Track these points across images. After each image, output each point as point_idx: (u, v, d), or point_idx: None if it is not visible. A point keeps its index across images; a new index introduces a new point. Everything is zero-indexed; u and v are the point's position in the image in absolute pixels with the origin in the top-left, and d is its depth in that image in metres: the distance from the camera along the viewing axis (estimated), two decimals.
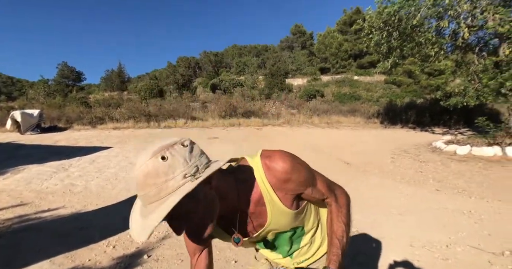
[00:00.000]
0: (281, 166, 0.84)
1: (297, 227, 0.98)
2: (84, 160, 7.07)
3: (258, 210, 0.88)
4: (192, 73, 32.79)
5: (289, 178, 0.85)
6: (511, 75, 6.76)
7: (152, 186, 0.68)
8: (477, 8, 7.11)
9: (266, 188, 0.86)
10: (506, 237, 2.91)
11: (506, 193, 4.29)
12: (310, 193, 0.91)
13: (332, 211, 0.95)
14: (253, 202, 0.87)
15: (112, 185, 5.12)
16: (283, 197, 0.87)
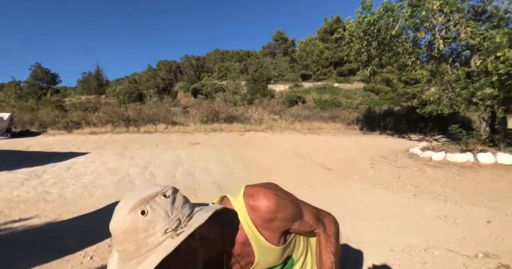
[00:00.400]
0: (265, 205, 0.82)
1: (287, 257, 0.98)
2: (59, 167, 6.79)
3: (245, 251, 0.86)
4: (173, 77, 32.40)
5: (274, 217, 0.83)
6: (481, 85, 7.12)
7: (131, 242, 0.64)
8: (450, 21, 7.48)
9: (251, 229, 0.83)
10: (479, 240, 3.03)
11: (478, 198, 4.48)
12: (297, 227, 0.90)
13: (321, 242, 0.96)
14: (239, 244, 0.85)
15: (89, 193, 4.94)
16: (269, 236, 0.86)
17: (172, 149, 9.20)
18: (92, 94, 30.92)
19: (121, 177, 5.95)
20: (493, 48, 6.91)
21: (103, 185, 5.41)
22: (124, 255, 0.65)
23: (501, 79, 6.89)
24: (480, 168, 6.40)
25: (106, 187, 5.25)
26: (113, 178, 5.88)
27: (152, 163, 7.26)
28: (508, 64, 6.49)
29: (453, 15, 7.39)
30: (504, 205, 4.10)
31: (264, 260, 0.88)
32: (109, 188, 5.22)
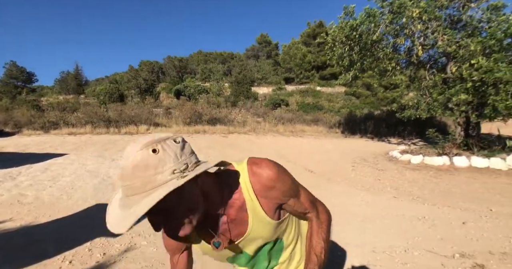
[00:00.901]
0: (266, 173, 0.84)
1: (276, 239, 0.98)
2: (35, 168, 6.54)
3: (239, 217, 0.86)
4: (155, 78, 31.89)
5: (273, 186, 0.85)
6: (456, 91, 7.43)
7: (139, 177, 0.66)
8: (429, 29, 7.78)
9: (250, 195, 0.85)
10: (455, 241, 3.15)
11: (454, 200, 4.66)
12: (292, 205, 0.91)
13: (313, 227, 0.97)
14: (236, 208, 0.86)
15: (68, 195, 4.78)
16: (265, 204, 0.87)
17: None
18: (70, 94, 29.98)
19: (101, 179, 5.79)
20: (467, 56, 7.23)
21: (82, 187, 5.25)
22: (129, 191, 0.67)
23: (475, 85, 7.21)
24: (456, 171, 6.66)
25: (85, 190, 5.10)
26: (93, 180, 5.71)
27: None
28: (482, 71, 6.81)
29: (431, 23, 7.69)
30: (477, 207, 4.29)
31: (256, 230, 0.88)
32: (89, 190, 5.07)
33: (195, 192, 0.75)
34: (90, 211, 4.09)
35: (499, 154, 7.00)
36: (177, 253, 0.95)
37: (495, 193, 4.98)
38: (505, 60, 6.73)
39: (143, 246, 3.05)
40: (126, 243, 3.08)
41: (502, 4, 7.43)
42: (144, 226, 3.54)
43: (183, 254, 0.95)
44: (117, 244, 3.06)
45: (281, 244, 1.00)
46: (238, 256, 0.98)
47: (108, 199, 3.74)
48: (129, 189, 0.67)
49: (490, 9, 7.51)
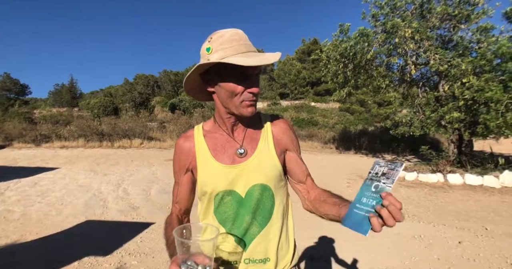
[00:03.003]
0: (284, 120, 1.02)
1: (270, 196, 0.94)
2: (24, 183, 6.39)
3: (254, 137, 0.96)
4: (150, 91, 32.01)
5: (285, 131, 0.99)
6: (449, 109, 7.54)
7: (249, 41, 0.87)
8: (421, 48, 7.98)
9: (267, 126, 0.99)
10: (451, 261, 3.11)
11: (449, 218, 4.63)
12: (294, 159, 1.00)
13: (326, 190, 1.00)
14: (253, 127, 0.98)
15: (57, 211, 4.65)
16: (275, 140, 0.97)
17: (148, 166, 8.94)
18: (64, 106, 29.85)
19: (92, 195, 5.67)
20: (459, 75, 7.39)
21: (73, 203, 5.12)
22: (250, 48, 0.85)
23: (467, 104, 7.34)
24: (450, 188, 6.67)
25: (75, 205, 4.97)
26: (84, 195, 5.59)
27: (126, 180, 7.00)
28: (473, 90, 6.95)
29: (423, 43, 7.90)
30: (473, 225, 4.26)
31: (260, 158, 0.93)
32: (79, 206, 4.95)
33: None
34: (79, 228, 3.97)
35: (492, 172, 7.05)
36: (183, 173, 0.98)
37: (490, 211, 4.97)
38: (495, 80, 6.89)
39: (133, 265, 2.94)
40: (115, 263, 2.97)
41: (491, 26, 7.68)
42: (135, 244, 3.44)
43: (187, 175, 0.98)
44: (106, 263, 2.95)
45: (270, 208, 0.95)
46: (229, 198, 0.92)
47: (100, 216, 3.67)
48: (250, 47, 0.85)
49: (479, 30, 7.75)
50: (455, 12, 7.71)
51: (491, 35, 7.64)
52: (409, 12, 8.24)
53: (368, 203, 0.71)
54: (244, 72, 0.82)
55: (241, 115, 0.88)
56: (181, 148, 0.98)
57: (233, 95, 0.85)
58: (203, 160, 0.94)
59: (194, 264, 0.66)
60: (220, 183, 0.91)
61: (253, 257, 0.93)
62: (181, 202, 1.01)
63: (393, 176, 0.69)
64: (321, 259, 3.12)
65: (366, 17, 8.84)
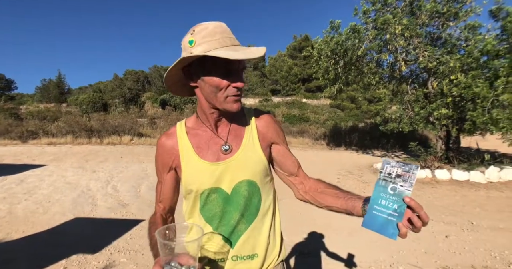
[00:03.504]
0: (267, 114, 1.01)
1: (256, 192, 0.93)
2: (9, 180, 6.25)
3: (238, 133, 0.94)
4: (140, 87, 31.58)
5: (270, 124, 0.98)
6: (437, 105, 7.66)
7: (233, 34, 0.84)
8: (410, 45, 8.05)
9: (251, 121, 0.97)
10: (439, 255, 3.17)
11: (437, 213, 4.72)
12: (282, 151, 1.00)
13: (320, 180, 1.01)
14: (238, 123, 0.96)
15: (44, 209, 4.58)
16: (260, 135, 0.96)
17: (138, 162, 8.85)
18: (52, 102, 29.26)
19: (81, 192, 5.59)
20: (447, 72, 7.50)
21: (60, 200, 5.04)
22: (234, 41, 0.83)
23: (455, 100, 7.46)
24: (437, 183, 6.79)
25: (63, 203, 4.89)
26: (72, 193, 5.51)
27: (115, 177, 6.92)
28: (461, 87, 7.06)
29: (412, 40, 7.97)
30: (459, 220, 4.36)
31: (244, 155, 0.91)
32: (67, 203, 4.87)
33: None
34: (67, 226, 3.91)
35: (478, 167, 7.20)
36: (166, 171, 0.96)
37: (475, 206, 5.09)
38: (482, 77, 7.01)
39: (122, 263, 2.92)
40: (104, 260, 2.94)
41: (478, 24, 7.80)
42: (124, 242, 3.41)
43: (170, 173, 0.96)
44: (94, 261, 2.92)
45: (257, 203, 0.94)
46: (215, 196, 0.90)
47: (88, 213, 3.62)
48: (234, 40, 0.83)
49: (467, 28, 7.86)
50: (444, 9, 7.79)
51: (478, 33, 7.75)
52: (400, 9, 8.29)
53: (388, 205, 0.73)
54: (229, 66, 0.80)
55: (226, 110, 0.86)
56: (163, 147, 0.96)
57: (218, 90, 0.83)
58: (187, 158, 0.92)
59: (178, 265, 0.64)
60: (205, 181, 0.89)
61: (240, 254, 0.93)
62: (165, 201, 0.99)
63: (410, 179, 0.72)
64: (311, 254, 3.15)
65: (358, 13, 8.86)
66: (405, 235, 0.71)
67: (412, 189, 0.71)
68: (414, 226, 0.72)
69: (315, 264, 2.93)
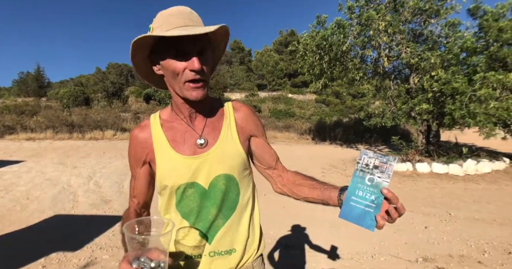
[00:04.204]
0: (246, 106, 0.99)
1: (234, 186, 0.91)
2: None
3: (216, 126, 0.92)
4: (124, 81, 30.87)
5: (249, 116, 0.97)
6: (419, 101, 7.84)
7: (194, 17, 0.80)
8: (393, 41, 8.19)
9: (229, 112, 0.95)
10: (418, 245, 3.27)
11: (417, 205, 4.86)
12: (261, 144, 0.98)
13: (298, 173, 1.00)
14: (215, 116, 0.94)
15: (22, 206, 4.43)
16: (239, 128, 0.94)
17: (121, 158, 8.69)
18: (30, 96, 28.26)
19: (61, 188, 5.44)
20: (428, 68, 7.67)
21: (40, 197, 4.90)
22: (190, 22, 0.78)
23: (435, 96, 7.65)
24: (418, 176, 6.98)
25: (42, 200, 4.76)
26: (52, 189, 5.36)
27: (97, 173, 6.77)
28: (441, 82, 7.24)
29: (395, 36, 8.11)
30: (438, 211, 4.51)
31: (223, 147, 0.89)
32: (47, 200, 4.74)
33: (212, 63, 0.86)
34: (46, 223, 3.81)
35: (456, 160, 7.44)
36: (139, 166, 0.93)
37: (453, 198, 5.27)
38: (460, 73, 7.22)
39: (104, 260, 2.87)
40: (85, 258, 2.88)
41: (458, 22, 8.00)
42: (106, 238, 3.36)
43: (144, 167, 0.93)
44: (75, 259, 2.86)
45: (235, 198, 0.92)
46: (191, 191, 0.88)
47: (69, 210, 3.53)
48: (189, 21, 0.78)
49: (448, 25, 8.05)
50: (425, 6, 7.94)
51: (458, 30, 7.96)
52: (383, 5, 8.39)
53: (365, 196, 0.73)
54: (181, 48, 0.76)
55: (186, 98, 0.82)
56: (136, 140, 0.92)
57: (175, 75, 0.79)
58: (161, 152, 0.88)
59: (148, 261, 0.62)
60: (181, 175, 0.86)
61: (218, 249, 0.91)
62: (139, 196, 0.96)
63: (388, 170, 0.72)
64: (295, 247, 3.19)
65: (342, 8, 8.92)
66: (382, 227, 0.72)
67: (390, 181, 0.72)
68: (391, 218, 0.72)
69: (299, 256, 2.97)
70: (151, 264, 0.61)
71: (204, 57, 0.79)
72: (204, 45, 0.79)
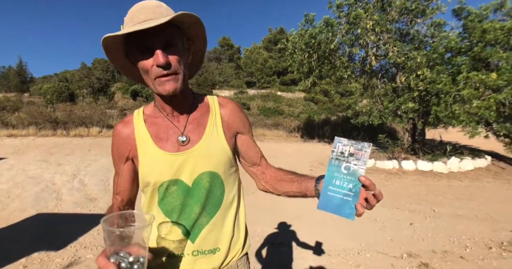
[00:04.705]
0: (233, 102, 0.97)
1: (219, 184, 0.89)
2: None
3: (200, 122, 0.90)
4: (110, 77, 30.32)
5: (236, 113, 0.95)
6: (405, 99, 7.97)
7: (162, 9, 0.77)
8: (381, 40, 8.29)
9: (215, 109, 0.93)
10: (403, 241, 3.33)
11: (402, 202, 4.95)
12: (247, 142, 0.97)
13: (280, 169, 1.00)
14: (200, 112, 0.91)
15: (2, 205, 4.30)
16: (225, 125, 0.92)
17: (107, 155, 8.52)
18: (12, 91, 27.42)
19: (45, 186, 5.31)
20: (414, 67, 7.80)
21: (21, 195, 4.76)
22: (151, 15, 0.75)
23: (421, 95, 7.79)
24: (404, 174, 7.11)
25: (24, 198, 4.62)
26: (34, 187, 5.21)
27: (82, 170, 6.63)
28: (426, 82, 7.38)
29: (383, 35, 8.21)
30: (423, 208, 4.60)
31: (207, 145, 0.87)
32: (29, 199, 4.61)
33: (187, 52, 0.84)
34: (28, 222, 3.70)
35: (441, 158, 7.61)
36: (122, 162, 0.91)
37: (438, 195, 5.39)
38: (445, 73, 7.37)
39: (88, 259, 2.81)
40: (69, 257, 2.82)
41: (443, 22, 8.16)
42: (91, 237, 3.29)
43: (127, 164, 0.91)
44: (58, 258, 2.79)
45: (219, 196, 0.91)
46: (174, 188, 0.86)
47: (52, 208, 3.44)
48: (151, 14, 0.75)
49: (433, 25, 8.19)
50: (412, 6, 8.06)
51: (443, 30, 8.11)
52: (371, 4, 8.47)
53: (343, 185, 0.72)
54: (146, 44, 0.74)
55: (160, 93, 0.80)
56: (119, 135, 0.90)
57: (145, 72, 0.78)
58: (144, 148, 0.86)
59: (127, 255, 0.60)
60: (164, 172, 0.84)
61: (202, 248, 0.89)
62: (122, 193, 0.93)
63: (363, 157, 0.70)
64: (282, 245, 3.20)
65: (332, 7, 8.96)
66: (362, 215, 0.71)
67: (365, 168, 0.70)
68: (369, 205, 0.71)
69: (287, 253, 2.98)
70: (130, 258, 0.60)
71: (172, 49, 0.76)
72: (171, 37, 0.76)
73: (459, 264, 2.80)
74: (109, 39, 0.74)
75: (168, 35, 0.76)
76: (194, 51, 0.89)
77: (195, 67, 0.96)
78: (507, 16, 7.70)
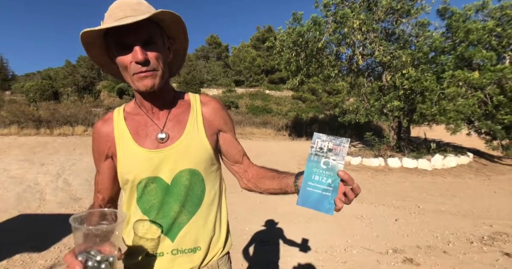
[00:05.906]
0: (215, 100, 0.96)
1: (199, 181, 0.88)
2: None
3: (181, 119, 0.89)
4: (96, 75, 29.65)
5: (217, 111, 0.94)
6: (390, 98, 8.11)
7: (142, 6, 0.77)
8: (367, 39, 8.40)
9: (196, 106, 0.92)
10: (389, 237, 3.39)
11: (388, 198, 5.05)
12: (229, 140, 0.96)
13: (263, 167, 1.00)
14: (180, 109, 0.91)
15: None
16: (206, 122, 0.91)
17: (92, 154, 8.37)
18: None
19: (27, 186, 5.17)
20: (400, 66, 7.94)
21: (2, 196, 4.63)
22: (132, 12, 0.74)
23: (406, 93, 7.94)
24: (390, 171, 7.24)
25: (6, 199, 4.50)
26: (16, 187, 5.08)
27: (67, 170, 6.49)
28: (411, 80, 7.52)
29: (369, 34, 8.31)
30: (408, 204, 4.70)
31: (188, 141, 0.86)
32: (10, 199, 4.49)
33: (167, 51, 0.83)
34: (10, 223, 3.60)
35: (425, 155, 7.78)
36: (103, 160, 0.90)
37: (422, 191, 5.51)
38: (430, 71, 7.53)
39: None
40: (52, 259, 2.75)
41: (427, 22, 8.32)
42: None
43: (107, 161, 0.90)
44: (41, 260, 2.72)
45: (200, 194, 0.89)
46: (153, 186, 0.85)
47: (35, 209, 3.35)
48: (131, 12, 0.74)
49: (418, 25, 8.35)
50: (397, 6, 8.19)
51: (427, 30, 8.28)
52: (358, 4, 8.57)
53: (322, 181, 0.72)
54: (125, 41, 0.74)
55: (138, 90, 0.80)
56: (98, 133, 0.89)
57: (124, 69, 0.78)
58: (123, 145, 0.85)
59: (98, 253, 0.58)
60: (142, 169, 0.83)
61: (182, 247, 0.88)
62: (103, 191, 0.92)
63: (341, 152, 0.71)
64: (270, 242, 3.21)
65: (318, 6, 9.01)
66: (340, 209, 0.71)
67: (344, 162, 0.71)
68: (347, 199, 0.71)
69: (274, 251, 3.00)
70: (97, 257, 0.58)
71: (151, 46, 0.76)
72: (151, 34, 0.76)
73: (442, 259, 2.87)
74: (87, 34, 0.73)
75: (147, 33, 0.75)
76: (175, 50, 0.89)
77: (176, 65, 0.95)
78: (488, 17, 7.92)
